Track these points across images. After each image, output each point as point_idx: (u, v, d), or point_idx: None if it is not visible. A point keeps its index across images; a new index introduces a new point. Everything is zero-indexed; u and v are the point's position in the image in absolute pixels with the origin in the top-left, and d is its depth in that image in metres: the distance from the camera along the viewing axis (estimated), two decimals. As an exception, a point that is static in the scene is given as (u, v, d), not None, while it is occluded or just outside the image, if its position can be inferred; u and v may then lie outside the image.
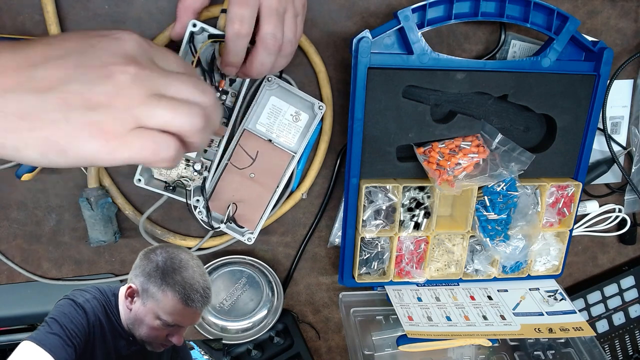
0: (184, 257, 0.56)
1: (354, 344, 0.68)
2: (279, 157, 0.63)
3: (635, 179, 0.75)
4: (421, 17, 0.58)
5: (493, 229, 0.67)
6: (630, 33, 0.70)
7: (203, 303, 0.55)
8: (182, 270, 0.55)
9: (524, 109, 0.66)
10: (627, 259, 0.83)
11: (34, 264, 0.67)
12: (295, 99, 0.62)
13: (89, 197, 0.62)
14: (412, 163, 0.65)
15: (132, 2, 0.58)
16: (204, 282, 0.56)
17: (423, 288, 0.71)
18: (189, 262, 0.56)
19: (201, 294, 0.55)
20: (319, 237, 0.72)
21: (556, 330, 0.67)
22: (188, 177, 0.61)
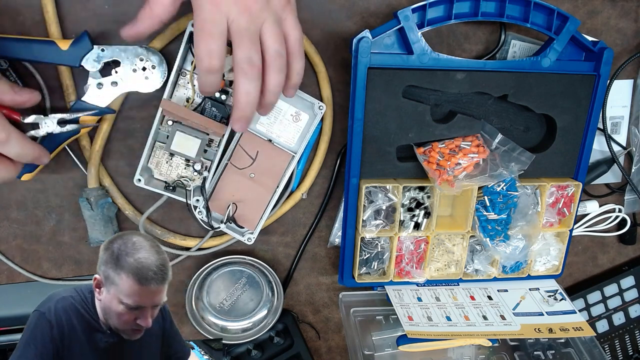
0: (137, 239, 0.58)
1: (354, 344, 0.68)
2: (279, 157, 0.63)
3: (635, 179, 0.75)
4: (421, 17, 0.58)
5: (493, 229, 0.67)
6: (630, 33, 0.70)
7: (159, 280, 0.57)
8: (135, 252, 0.56)
9: (524, 109, 0.66)
10: (627, 259, 0.83)
11: (34, 264, 0.67)
12: (296, 99, 0.62)
13: (89, 197, 0.62)
14: (412, 163, 0.65)
15: (132, 2, 0.58)
16: (157, 260, 0.57)
17: (423, 288, 0.71)
18: (142, 243, 0.57)
19: (154, 271, 0.56)
20: (319, 237, 0.72)
21: (556, 330, 0.67)
22: (188, 177, 0.61)
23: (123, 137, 0.62)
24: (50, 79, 0.59)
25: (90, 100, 0.56)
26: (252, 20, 0.46)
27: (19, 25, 0.57)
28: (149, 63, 0.57)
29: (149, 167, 0.60)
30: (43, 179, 0.63)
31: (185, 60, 0.58)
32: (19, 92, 0.51)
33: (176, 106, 0.56)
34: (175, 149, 0.58)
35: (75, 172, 0.63)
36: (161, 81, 0.57)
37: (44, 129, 0.55)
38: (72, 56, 0.55)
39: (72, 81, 0.59)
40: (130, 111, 0.62)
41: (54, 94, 0.59)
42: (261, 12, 0.46)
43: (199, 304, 0.71)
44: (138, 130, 0.62)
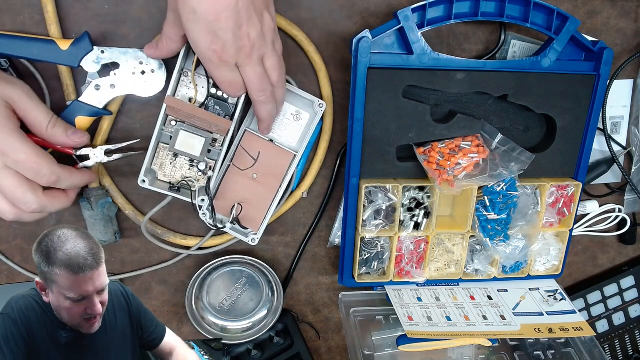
0: (62, 232, 0.58)
1: (354, 344, 0.68)
2: (281, 157, 0.63)
3: (635, 179, 0.75)
4: (421, 17, 0.58)
5: (493, 229, 0.67)
6: (630, 33, 0.70)
7: (92, 266, 0.57)
8: (63, 245, 0.57)
9: (524, 109, 0.66)
10: (627, 259, 0.83)
11: (34, 263, 0.67)
12: (296, 98, 0.62)
13: (89, 197, 0.62)
14: (412, 163, 0.65)
15: (132, 2, 0.58)
16: (86, 246, 0.57)
17: (423, 288, 0.71)
18: (67, 235, 0.58)
19: (85, 257, 0.57)
20: (319, 237, 0.72)
21: (556, 330, 0.67)
22: (192, 177, 0.61)
23: (123, 137, 0.62)
24: (51, 79, 0.59)
25: (87, 101, 0.56)
26: (257, 61, 0.52)
27: (19, 25, 0.57)
28: (149, 67, 0.57)
29: (152, 169, 0.60)
30: (43, 178, 0.63)
31: (186, 60, 0.58)
32: (72, 136, 0.55)
33: (180, 102, 0.56)
34: (180, 148, 0.58)
35: (76, 172, 0.63)
36: (160, 87, 0.57)
37: (92, 159, 0.59)
38: (72, 56, 0.55)
39: (72, 81, 0.59)
40: (131, 111, 0.62)
41: (54, 93, 0.59)
42: (260, 48, 0.51)
43: (199, 304, 0.71)
44: (138, 130, 0.62)
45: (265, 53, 0.52)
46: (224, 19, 0.46)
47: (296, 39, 0.62)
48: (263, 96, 0.55)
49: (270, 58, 0.53)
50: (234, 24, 0.47)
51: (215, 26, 0.46)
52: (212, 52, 0.49)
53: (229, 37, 0.47)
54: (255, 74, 0.52)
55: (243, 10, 0.47)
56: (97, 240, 0.59)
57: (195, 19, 0.46)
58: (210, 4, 0.45)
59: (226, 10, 0.46)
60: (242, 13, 0.47)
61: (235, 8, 0.46)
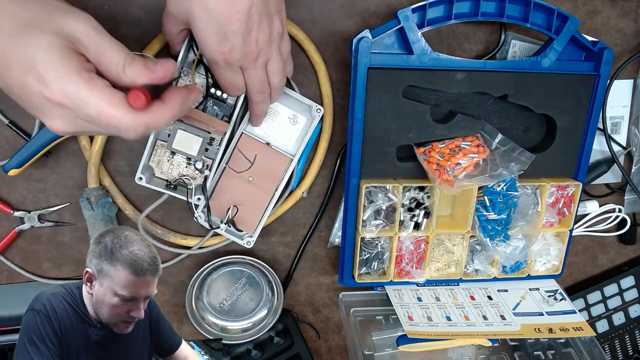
0: (128, 233, 0.59)
1: (354, 344, 0.68)
2: (277, 161, 0.63)
3: (635, 179, 0.75)
4: (421, 17, 0.58)
5: (493, 229, 0.67)
6: (630, 33, 0.70)
7: (153, 272, 0.58)
8: (129, 245, 0.58)
9: (524, 109, 0.66)
10: (627, 259, 0.83)
11: (34, 264, 0.67)
12: (293, 101, 0.62)
13: (89, 197, 0.62)
14: (412, 163, 0.65)
15: (132, 2, 0.58)
16: (150, 253, 0.59)
17: (423, 288, 0.71)
18: (133, 237, 0.59)
19: (149, 262, 0.58)
20: (319, 237, 0.72)
21: (556, 330, 0.67)
22: (189, 175, 0.61)
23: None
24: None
25: None
26: (260, 66, 0.52)
27: (19, 25, 0.57)
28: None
29: (150, 166, 0.60)
30: (43, 178, 0.63)
31: (186, 60, 0.58)
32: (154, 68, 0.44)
33: None
34: (177, 147, 0.58)
35: (75, 172, 0.63)
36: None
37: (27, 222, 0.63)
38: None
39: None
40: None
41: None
42: (267, 54, 0.51)
43: (199, 304, 0.71)
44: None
45: (270, 57, 0.52)
46: (237, 22, 0.46)
47: (296, 39, 0.62)
48: (260, 97, 0.56)
49: (274, 62, 0.53)
50: (245, 29, 0.47)
51: (226, 28, 0.46)
52: (219, 54, 0.48)
53: (238, 40, 0.47)
54: (257, 78, 0.53)
55: (255, 15, 0.47)
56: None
57: (208, 19, 0.46)
58: (226, 6, 0.45)
59: (240, 14, 0.46)
60: (254, 17, 0.47)
61: (248, 12, 0.46)
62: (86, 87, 0.40)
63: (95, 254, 0.57)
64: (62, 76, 0.39)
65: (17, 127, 0.60)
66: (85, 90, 0.40)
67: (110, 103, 0.41)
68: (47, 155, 0.62)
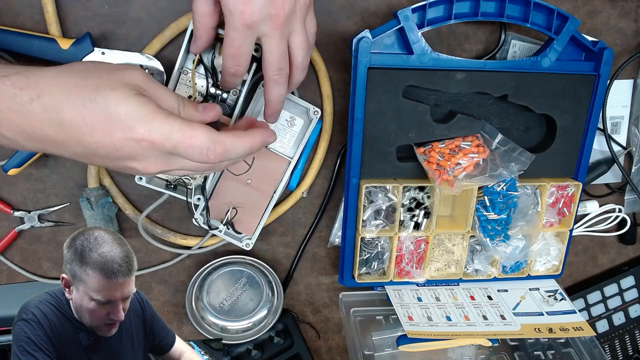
0: (98, 234, 0.57)
1: (354, 344, 0.68)
2: (275, 163, 0.63)
3: (635, 179, 0.75)
4: (421, 17, 0.58)
5: (493, 229, 0.67)
6: (630, 33, 0.70)
7: (125, 272, 0.57)
8: (98, 247, 0.56)
9: (524, 109, 0.66)
10: (627, 259, 0.83)
11: (34, 264, 0.67)
12: (290, 104, 0.62)
13: (89, 197, 0.62)
14: (412, 163, 0.65)
15: (132, 2, 0.58)
16: (122, 252, 0.57)
17: (423, 288, 0.71)
18: (103, 237, 0.57)
19: (119, 263, 0.56)
20: (319, 237, 0.72)
21: (556, 330, 0.67)
22: (189, 175, 0.61)
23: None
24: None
25: None
26: (283, 36, 0.48)
27: (19, 25, 0.57)
28: (147, 71, 0.57)
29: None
30: (43, 178, 0.63)
31: (186, 59, 0.58)
32: (204, 112, 0.49)
33: None
34: None
35: (75, 171, 0.63)
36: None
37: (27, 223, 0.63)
38: (72, 56, 0.55)
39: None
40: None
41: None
42: (290, 23, 0.48)
43: (199, 304, 0.71)
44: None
45: (294, 29, 0.48)
46: None
47: (296, 39, 0.62)
48: (278, 75, 0.50)
49: (299, 35, 0.49)
50: None
51: None
52: (239, 13, 0.45)
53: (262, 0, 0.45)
54: (278, 50, 0.48)
55: None
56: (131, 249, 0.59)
57: None
58: None
59: None
60: None
61: None
62: (167, 120, 0.42)
63: (68, 259, 0.56)
64: (145, 118, 0.42)
65: (17, 127, 0.60)
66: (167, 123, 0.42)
67: (189, 124, 0.43)
68: (47, 155, 0.62)
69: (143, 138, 0.41)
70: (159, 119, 0.42)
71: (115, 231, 0.64)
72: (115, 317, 0.58)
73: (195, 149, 0.43)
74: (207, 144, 0.43)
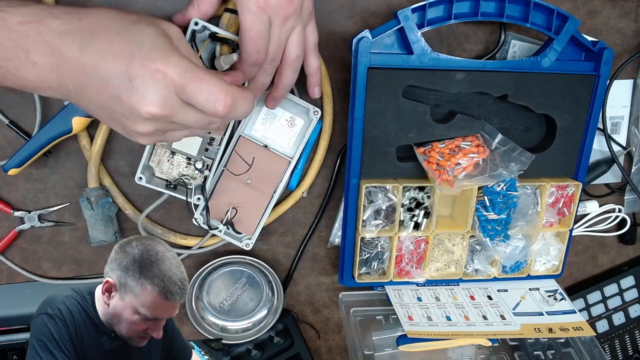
0: (160, 249, 0.55)
1: (354, 344, 0.68)
2: (276, 163, 0.63)
3: (635, 179, 0.75)
4: (421, 17, 0.58)
5: (493, 229, 0.67)
6: (630, 33, 0.70)
7: (181, 296, 0.55)
8: (160, 263, 0.54)
9: (524, 109, 0.66)
10: (627, 259, 0.83)
11: (34, 264, 0.67)
12: (290, 104, 0.62)
13: (89, 197, 0.62)
14: (412, 163, 0.65)
15: (132, 2, 0.58)
16: (181, 275, 0.55)
17: (423, 288, 0.71)
18: (165, 254, 0.55)
19: (179, 286, 0.55)
20: (319, 237, 0.72)
21: (556, 330, 0.67)
22: (189, 175, 0.61)
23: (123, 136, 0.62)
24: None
25: None
26: (286, 30, 0.50)
27: (19, 25, 0.57)
28: None
29: (150, 166, 0.60)
30: (43, 178, 0.63)
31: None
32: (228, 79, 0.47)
33: None
34: (177, 147, 0.58)
35: (75, 172, 0.63)
36: None
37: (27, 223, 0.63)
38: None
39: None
40: (131, 111, 0.62)
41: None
42: (294, 20, 0.50)
43: (199, 304, 0.71)
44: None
45: (296, 27, 0.51)
46: None
47: (296, 39, 0.62)
48: (269, 64, 0.52)
49: (297, 35, 0.51)
50: None
51: None
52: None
53: None
54: (277, 41, 0.50)
55: None
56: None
57: None
58: None
59: None
60: None
61: None
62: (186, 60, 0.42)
63: (121, 266, 0.54)
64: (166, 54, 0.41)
65: (17, 127, 0.60)
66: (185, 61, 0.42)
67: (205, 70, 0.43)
68: (47, 155, 0.62)
69: (158, 69, 0.41)
70: (178, 56, 0.42)
71: (117, 231, 0.64)
72: (155, 335, 0.56)
73: (203, 93, 0.42)
74: (217, 91, 0.42)
